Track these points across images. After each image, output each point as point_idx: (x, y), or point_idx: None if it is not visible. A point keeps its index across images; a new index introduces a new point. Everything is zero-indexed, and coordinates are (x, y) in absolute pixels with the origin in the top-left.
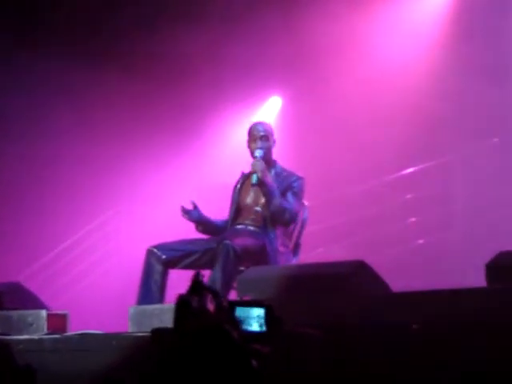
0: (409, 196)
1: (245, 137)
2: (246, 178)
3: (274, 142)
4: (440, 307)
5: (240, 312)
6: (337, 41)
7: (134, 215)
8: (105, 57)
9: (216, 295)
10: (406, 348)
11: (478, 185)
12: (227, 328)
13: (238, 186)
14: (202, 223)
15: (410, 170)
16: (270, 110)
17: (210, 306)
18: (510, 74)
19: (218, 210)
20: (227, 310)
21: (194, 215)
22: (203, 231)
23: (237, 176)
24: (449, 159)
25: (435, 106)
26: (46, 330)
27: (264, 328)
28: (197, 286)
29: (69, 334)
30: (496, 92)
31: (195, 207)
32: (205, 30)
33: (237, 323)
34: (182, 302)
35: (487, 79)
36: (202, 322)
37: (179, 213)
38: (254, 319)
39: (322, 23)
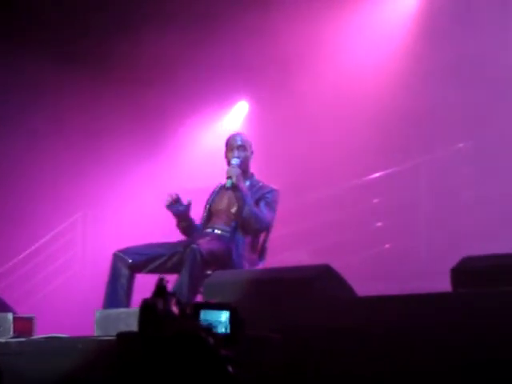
0: (375, 201)
1: (213, 141)
2: (221, 187)
3: (252, 153)
4: (405, 312)
5: (205, 315)
6: (304, 44)
7: (101, 219)
8: (78, 59)
9: (179, 301)
10: (371, 352)
11: (444, 190)
12: (203, 335)
13: (214, 193)
14: (186, 220)
15: (376, 174)
16: (237, 114)
17: (175, 310)
18: (481, 77)
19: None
20: (191, 314)
21: (183, 208)
22: (184, 229)
23: (205, 180)
24: (415, 164)
25: (403, 110)
26: (12, 334)
27: (228, 330)
28: (161, 290)
29: (35, 337)
30: (464, 96)
31: (189, 204)
32: (173, 36)
33: (210, 329)
34: (147, 306)
35: (456, 82)
36: (178, 327)
37: (146, 216)
38: (219, 322)
39: (290, 27)
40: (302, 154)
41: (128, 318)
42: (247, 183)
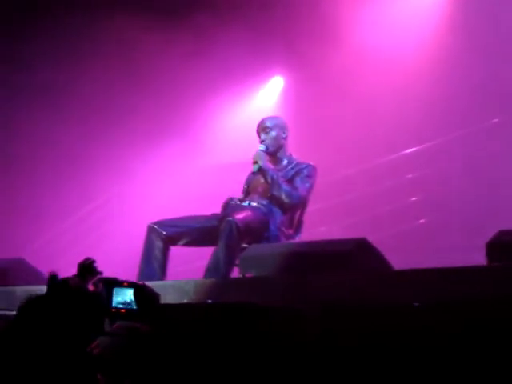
0: (409, 175)
1: (248, 116)
2: None
3: (285, 132)
4: (441, 285)
5: (117, 292)
6: (341, 17)
7: (136, 194)
8: (101, 34)
9: (102, 280)
10: (407, 325)
11: (478, 164)
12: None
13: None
14: None
15: (411, 149)
16: (272, 89)
17: (91, 287)
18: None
19: (219, 190)
20: (102, 289)
21: None
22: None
23: (239, 156)
24: (449, 139)
25: (437, 86)
26: None
27: (135, 307)
28: (81, 268)
29: None
30: (495, 73)
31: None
32: (209, 9)
33: (102, 302)
34: (61, 281)
35: (487, 60)
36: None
37: (179, 192)
38: (128, 298)
39: (326, 4)
40: (338, 128)
41: (163, 290)
42: (284, 161)
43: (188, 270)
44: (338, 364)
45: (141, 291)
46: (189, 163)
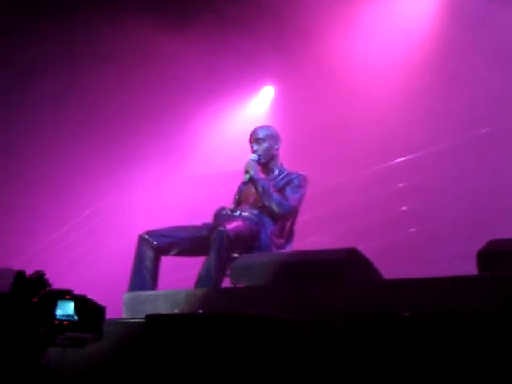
0: (400, 185)
1: (240, 126)
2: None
3: (277, 143)
4: (431, 295)
5: (60, 304)
6: (330, 31)
7: (127, 204)
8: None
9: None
10: (396, 335)
11: (467, 174)
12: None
13: (244, 183)
14: None
15: (401, 159)
16: (263, 99)
17: (34, 300)
18: (502, 66)
19: (210, 200)
20: (46, 302)
21: None
22: None
23: (231, 165)
24: (438, 148)
25: (425, 96)
26: None
27: (75, 318)
28: (18, 280)
29: None
30: (486, 84)
31: None
32: (197, 21)
33: (48, 314)
34: (18, 274)
35: (477, 72)
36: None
37: (170, 201)
38: (71, 311)
39: (317, 12)
40: (327, 139)
41: (156, 301)
42: (276, 172)
43: (179, 280)
44: (328, 373)
45: (81, 304)
46: (180, 173)
